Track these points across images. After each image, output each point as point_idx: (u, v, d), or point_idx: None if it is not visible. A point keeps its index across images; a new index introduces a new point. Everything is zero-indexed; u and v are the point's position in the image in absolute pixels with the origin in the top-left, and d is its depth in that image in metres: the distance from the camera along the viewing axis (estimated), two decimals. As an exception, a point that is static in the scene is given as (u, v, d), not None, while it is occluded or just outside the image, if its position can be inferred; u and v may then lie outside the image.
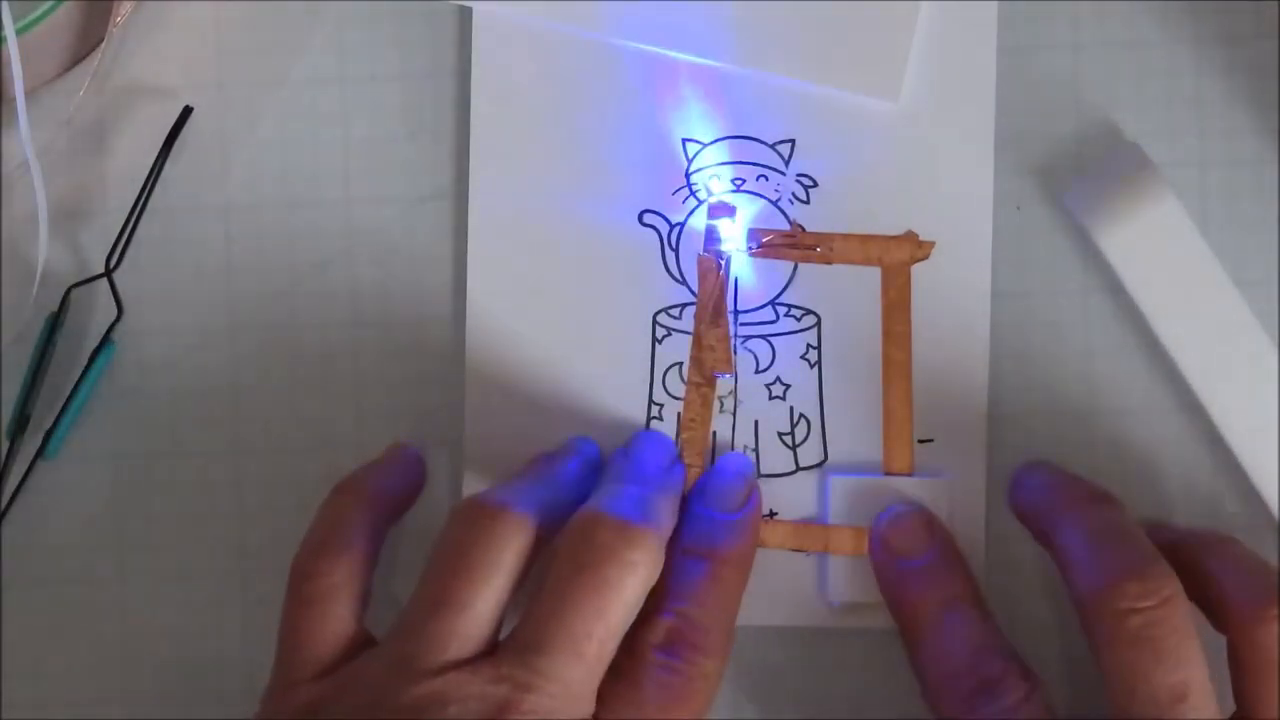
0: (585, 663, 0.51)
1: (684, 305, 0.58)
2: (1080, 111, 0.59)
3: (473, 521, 0.53)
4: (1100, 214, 0.56)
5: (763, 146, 0.58)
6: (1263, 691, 0.52)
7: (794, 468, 0.59)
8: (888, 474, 0.58)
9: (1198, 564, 0.54)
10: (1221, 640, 0.53)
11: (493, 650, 0.52)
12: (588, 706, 0.51)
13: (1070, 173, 0.58)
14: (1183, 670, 0.51)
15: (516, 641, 0.51)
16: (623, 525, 0.52)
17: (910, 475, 0.58)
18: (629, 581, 0.52)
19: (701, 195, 0.58)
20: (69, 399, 0.59)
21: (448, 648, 0.51)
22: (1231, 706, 0.53)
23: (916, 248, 0.58)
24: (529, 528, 0.53)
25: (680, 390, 0.58)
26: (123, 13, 0.59)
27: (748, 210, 0.58)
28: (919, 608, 0.56)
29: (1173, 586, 0.52)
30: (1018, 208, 0.58)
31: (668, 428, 0.58)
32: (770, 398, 0.59)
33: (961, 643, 0.55)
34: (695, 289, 0.58)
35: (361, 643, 0.54)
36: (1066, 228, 0.58)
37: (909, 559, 0.56)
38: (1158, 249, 0.56)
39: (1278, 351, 0.56)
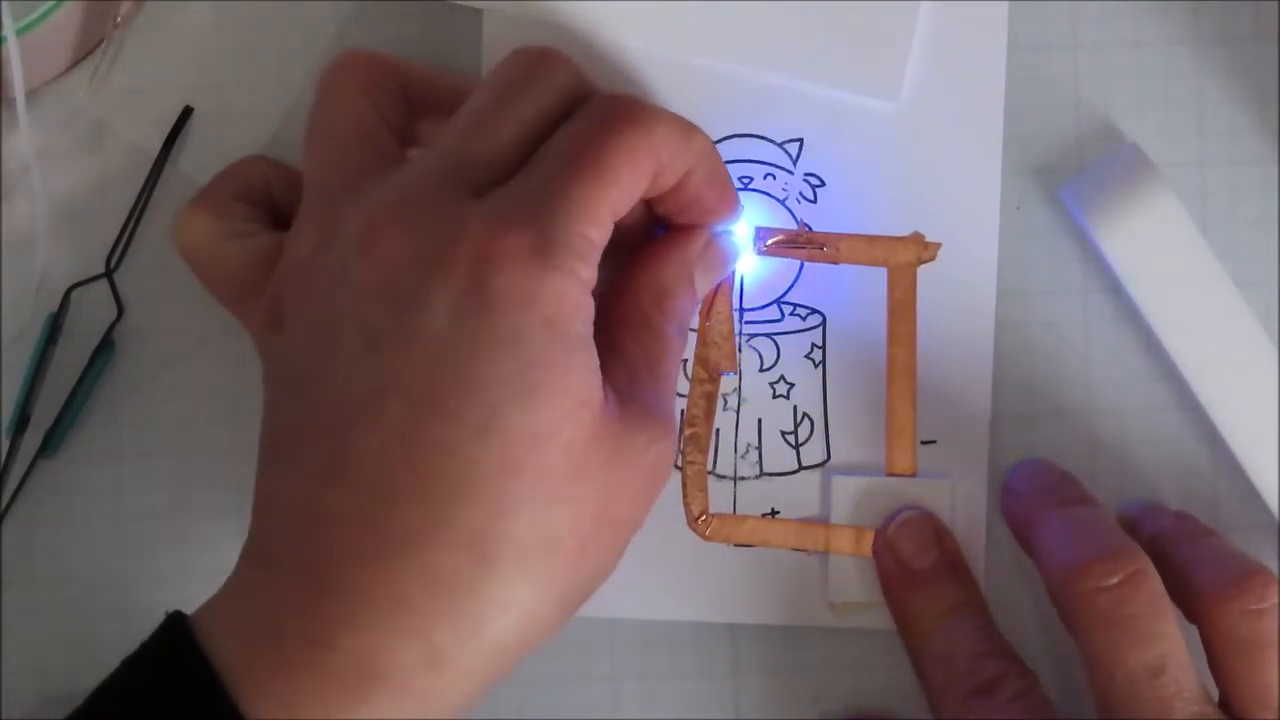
0: (469, 128, 0.50)
1: (688, 303, 0.58)
2: (1080, 111, 0.59)
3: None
4: (1100, 214, 0.57)
5: (771, 145, 0.58)
6: (1230, 673, 0.52)
7: (796, 467, 0.59)
8: (890, 475, 0.58)
9: (1169, 556, 0.54)
10: None
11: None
12: (471, 176, 0.49)
13: (1070, 173, 0.58)
14: (1157, 645, 0.51)
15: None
16: (532, 45, 0.52)
17: (913, 476, 0.58)
18: (528, 71, 0.51)
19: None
20: (69, 399, 0.59)
21: (324, 180, 0.51)
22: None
23: (923, 249, 0.58)
24: (392, 60, 0.54)
25: (684, 388, 0.58)
26: (123, 13, 0.59)
27: (755, 209, 0.58)
28: (923, 614, 0.56)
29: (1138, 563, 0.52)
30: (1018, 208, 0.59)
31: (671, 427, 0.59)
32: (774, 396, 0.59)
33: (963, 649, 0.55)
34: (700, 286, 0.58)
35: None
36: (1066, 228, 0.59)
37: (915, 565, 0.57)
38: (1158, 249, 0.56)
39: (1278, 351, 0.56)
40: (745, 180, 0.58)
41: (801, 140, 0.58)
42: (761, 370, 0.59)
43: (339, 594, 0.46)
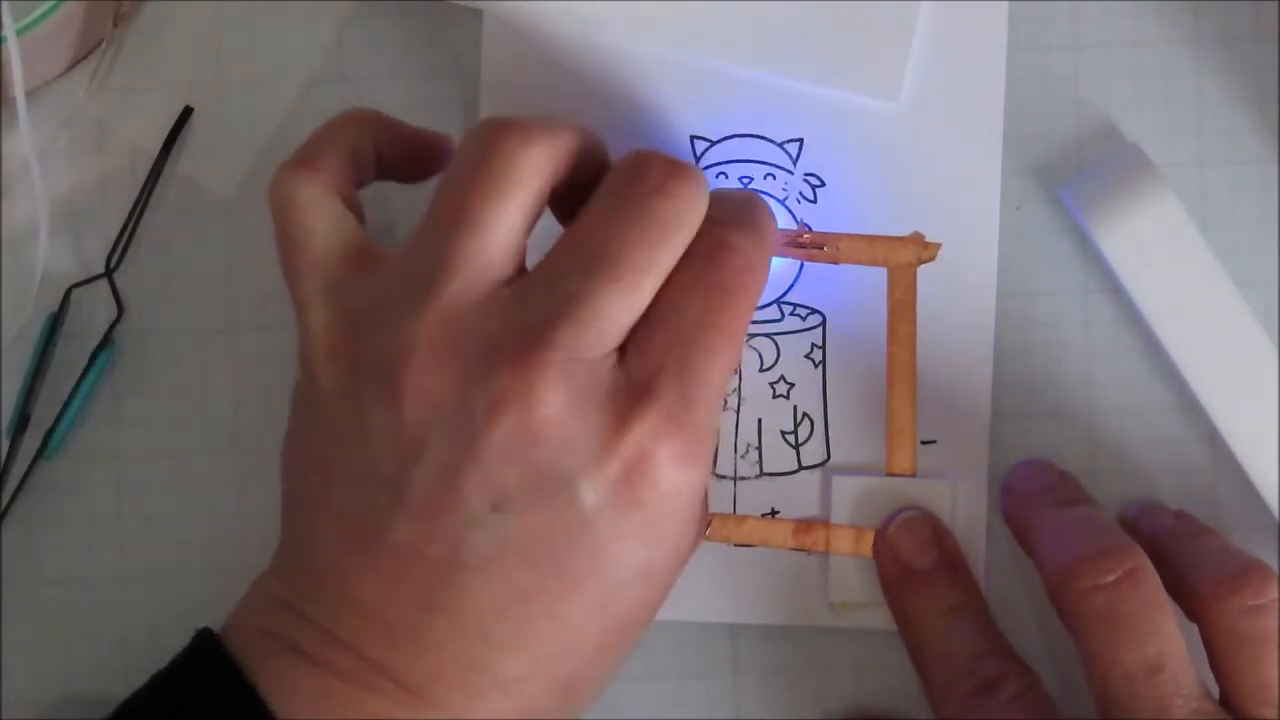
0: (623, 290, 0.48)
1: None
2: (1080, 111, 0.59)
3: (493, 135, 0.49)
4: (1100, 214, 0.57)
5: (771, 145, 0.58)
6: (1230, 669, 0.52)
7: (796, 467, 0.59)
8: (890, 475, 0.58)
9: (1167, 555, 0.54)
10: None
11: (516, 279, 0.49)
12: (617, 339, 0.48)
13: (1070, 173, 0.58)
14: (1155, 642, 0.51)
15: (546, 268, 0.49)
16: (675, 162, 0.49)
17: (913, 476, 0.58)
18: (677, 215, 0.49)
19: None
20: (69, 399, 0.59)
21: (458, 270, 0.48)
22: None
23: (923, 249, 0.58)
24: (559, 148, 0.49)
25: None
26: (123, 13, 0.59)
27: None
28: (923, 615, 0.56)
29: (1135, 560, 0.52)
30: (1017, 208, 0.59)
31: (672, 427, 0.58)
32: (774, 396, 0.59)
33: (964, 649, 0.55)
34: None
35: (371, 256, 0.51)
36: (1066, 228, 0.59)
37: (915, 565, 0.57)
38: (1158, 249, 0.56)
39: (1278, 351, 0.56)
40: (745, 180, 0.58)
41: (801, 140, 0.58)
42: (761, 370, 0.59)
43: (437, 708, 0.48)
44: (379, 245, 0.52)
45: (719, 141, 0.58)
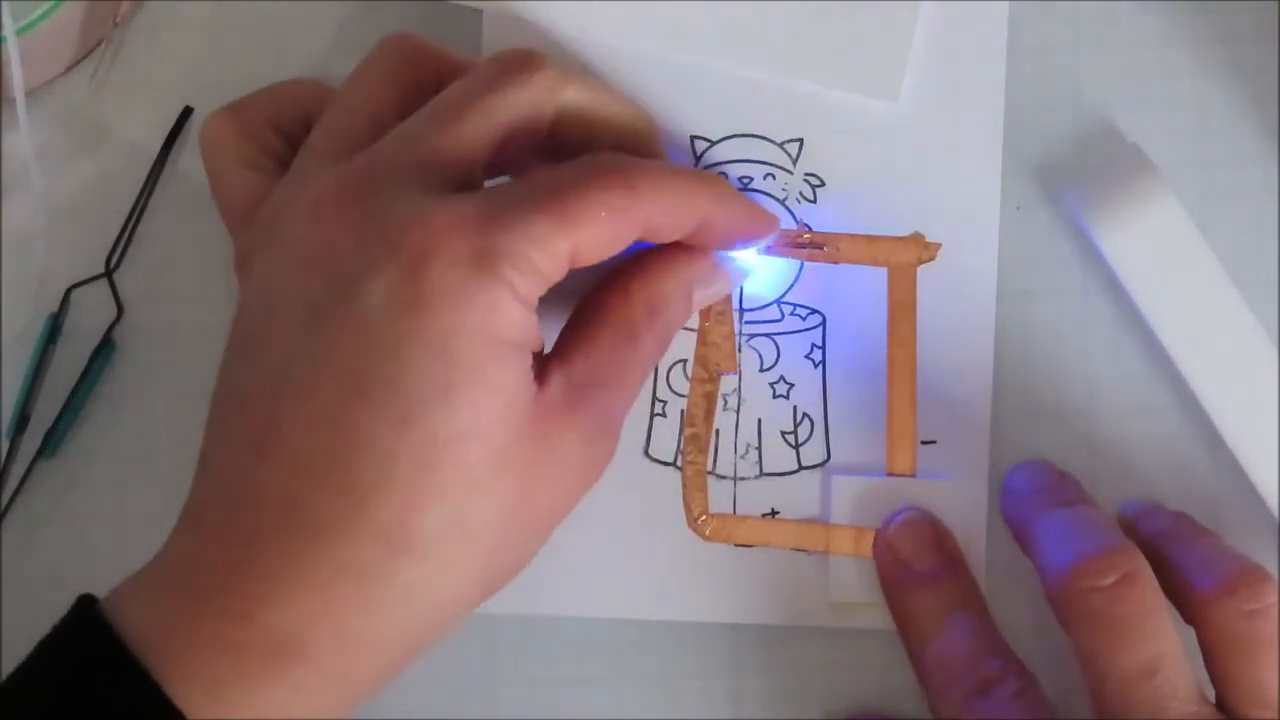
0: (431, 118, 0.50)
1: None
2: (1080, 111, 0.59)
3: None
4: (1100, 215, 0.57)
5: (771, 145, 0.58)
6: (1227, 672, 0.52)
7: (796, 467, 0.59)
8: (890, 475, 0.58)
9: (1166, 557, 0.54)
10: None
11: None
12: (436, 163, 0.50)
13: (1070, 173, 0.58)
14: (1151, 645, 0.51)
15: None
16: (524, 53, 0.52)
17: (913, 476, 0.58)
18: (501, 75, 0.51)
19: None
20: (69, 399, 0.59)
21: (320, 145, 0.51)
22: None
23: (923, 249, 0.58)
24: (426, 49, 0.53)
25: (684, 388, 0.58)
26: (123, 13, 0.59)
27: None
28: (923, 615, 0.56)
29: (1133, 563, 0.52)
30: (1017, 208, 0.59)
31: (671, 425, 0.59)
32: (774, 396, 0.59)
33: (963, 649, 0.55)
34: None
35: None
36: (1066, 228, 0.59)
37: (915, 565, 0.57)
38: (1158, 249, 0.56)
39: (1278, 351, 0.56)
40: (745, 180, 0.58)
41: (801, 140, 0.58)
42: (761, 370, 0.59)
43: (257, 569, 0.46)
44: None
45: (719, 141, 0.58)
